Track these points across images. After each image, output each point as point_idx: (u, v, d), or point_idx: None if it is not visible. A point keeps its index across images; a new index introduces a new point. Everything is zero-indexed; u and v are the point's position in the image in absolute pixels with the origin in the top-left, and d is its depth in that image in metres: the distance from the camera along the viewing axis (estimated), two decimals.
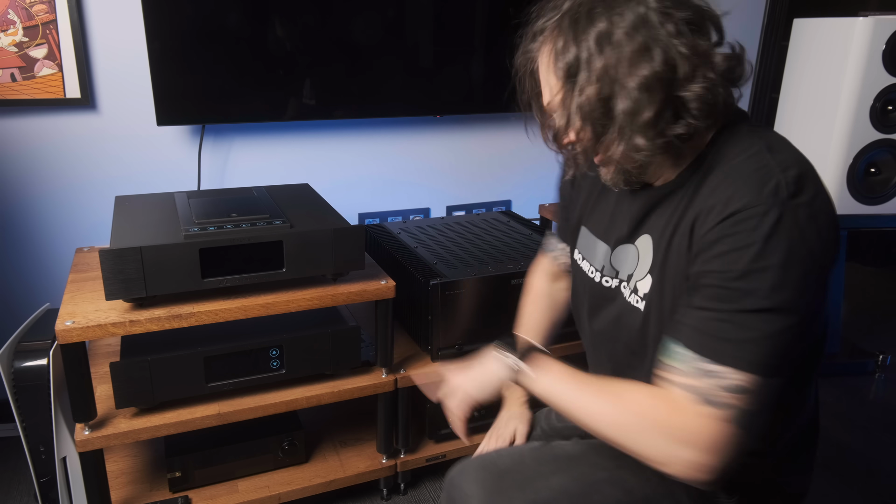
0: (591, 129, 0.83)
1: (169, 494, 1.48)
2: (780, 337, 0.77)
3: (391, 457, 1.63)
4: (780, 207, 0.76)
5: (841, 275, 2.33)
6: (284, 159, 2.04)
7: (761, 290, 0.77)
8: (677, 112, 0.81)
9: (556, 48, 0.83)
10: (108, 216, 1.86)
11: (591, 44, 0.80)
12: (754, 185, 0.79)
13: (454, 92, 2.11)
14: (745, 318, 0.78)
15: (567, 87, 0.83)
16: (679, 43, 0.79)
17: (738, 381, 0.77)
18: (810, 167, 0.82)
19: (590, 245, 1.05)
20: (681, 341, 0.81)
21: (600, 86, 0.80)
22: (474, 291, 1.56)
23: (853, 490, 1.74)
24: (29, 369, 1.34)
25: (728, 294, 0.79)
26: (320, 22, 1.87)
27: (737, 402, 0.77)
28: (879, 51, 1.96)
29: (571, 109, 0.83)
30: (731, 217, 0.79)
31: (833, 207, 0.81)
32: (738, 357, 0.77)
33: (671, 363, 0.82)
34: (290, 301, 1.38)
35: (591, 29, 0.80)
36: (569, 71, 0.82)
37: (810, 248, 0.77)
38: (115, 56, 1.78)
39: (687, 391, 0.79)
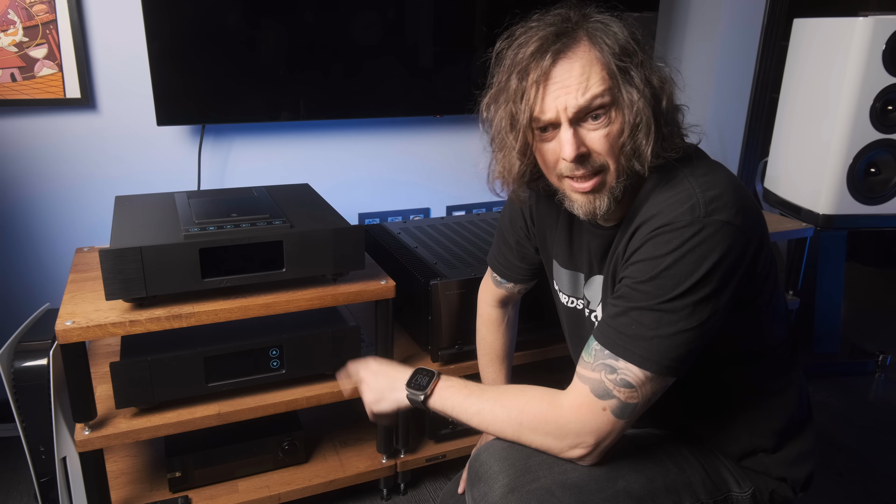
0: (645, 125, 0.88)
1: (169, 494, 1.48)
2: (673, 339, 0.84)
3: (391, 457, 1.63)
4: (698, 224, 0.84)
5: (841, 275, 2.33)
6: (284, 159, 2.04)
7: (661, 293, 0.84)
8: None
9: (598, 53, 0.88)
10: (108, 216, 1.86)
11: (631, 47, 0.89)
12: (677, 205, 0.86)
13: (454, 92, 2.11)
14: (642, 315, 0.85)
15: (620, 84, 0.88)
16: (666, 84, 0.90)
17: (630, 376, 0.85)
18: (734, 187, 0.88)
19: (564, 277, 1.12)
20: (595, 336, 0.90)
21: (650, 88, 0.88)
22: (474, 291, 1.56)
23: (853, 490, 1.74)
24: (29, 369, 1.34)
25: (633, 294, 0.86)
26: (320, 22, 1.87)
27: (623, 396, 0.86)
28: (879, 51, 1.96)
29: (632, 105, 0.89)
30: (653, 232, 0.86)
31: (756, 227, 0.88)
32: (631, 351, 0.85)
33: (585, 357, 0.90)
34: (290, 301, 1.38)
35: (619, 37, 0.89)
36: (620, 70, 0.88)
37: (723, 263, 0.84)
38: (115, 56, 1.78)
39: (586, 384, 0.88)
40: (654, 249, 0.85)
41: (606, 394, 0.86)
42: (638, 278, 0.86)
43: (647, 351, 0.84)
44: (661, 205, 0.87)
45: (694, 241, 0.83)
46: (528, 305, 1.63)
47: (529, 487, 0.90)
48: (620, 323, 0.87)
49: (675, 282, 0.83)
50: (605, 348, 0.87)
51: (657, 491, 0.94)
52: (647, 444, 1.01)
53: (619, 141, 0.87)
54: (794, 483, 1.01)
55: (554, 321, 1.67)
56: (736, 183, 0.90)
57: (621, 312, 0.87)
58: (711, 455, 1.01)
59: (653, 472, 0.95)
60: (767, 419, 1.00)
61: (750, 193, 0.92)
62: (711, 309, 0.85)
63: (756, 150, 2.74)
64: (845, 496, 1.72)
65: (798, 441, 1.02)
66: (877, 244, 3.28)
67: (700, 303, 0.84)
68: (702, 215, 0.84)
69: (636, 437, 1.03)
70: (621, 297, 0.88)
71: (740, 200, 0.86)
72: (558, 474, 0.91)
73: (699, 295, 0.83)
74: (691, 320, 0.84)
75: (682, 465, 0.98)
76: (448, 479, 1.75)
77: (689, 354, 0.86)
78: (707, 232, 0.83)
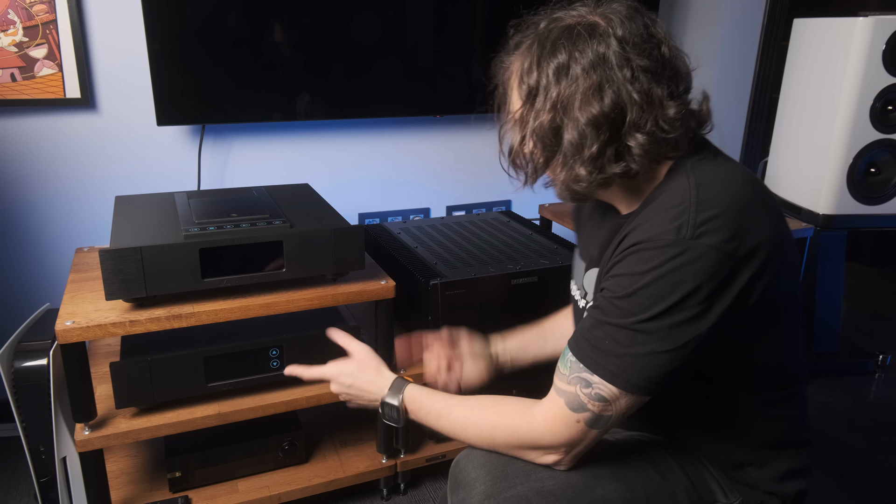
0: (542, 152, 0.90)
1: (169, 494, 1.48)
2: (646, 359, 0.83)
3: (391, 457, 1.63)
4: (681, 245, 0.80)
5: (841, 275, 2.33)
6: (284, 159, 2.04)
7: (636, 312, 0.82)
8: (619, 153, 0.86)
9: (522, 68, 0.89)
10: (108, 216, 1.86)
11: (550, 73, 0.86)
12: (665, 221, 0.83)
13: (454, 92, 2.11)
14: (616, 331, 0.84)
15: (526, 107, 0.89)
16: (632, 88, 0.83)
17: (604, 391, 0.84)
18: (739, 208, 0.83)
19: (576, 266, 1.11)
20: (570, 345, 0.90)
21: (553, 115, 0.86)
22: (474, 291, 1.56)
23: (853, 490, 1.74)
24: (29, 369, 1.34)
25: (609, 307, 0.85)
26: (320, 22, 1.87)
27: (597, 410, 0.85)
28: (879, 51, 1.96)
29: (527, 130, 0.89)
30: (636, 245, 0.84)
31: (756, 253, 0.83)
32: (602, 366, 0.84)
33: (562, 368, 0.89)
34: (290, 301, 1.38)
35: (552, 59, 0.85)
36: (529, 93, 0.88)
37: (703, 290, 0.81)
38: (115, 56, 1.78)
39: (561, 397, 0.87)
40: (634, 265, 0.83)
41: (581, 407, 0.85)
42: (616, 293, 0.85)
43: (617, 368, 0.83)
44: (656, 213, 0.85)
45: (673, 263, 0.80)
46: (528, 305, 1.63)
47: (506, 494, 0.90)
48: (594, 336, 0.86)
49: (651, 302, 0.81)
50: (580, 361, 0.86)
51: (637, 500, 0.93)
52: (629, 451, 0.99)
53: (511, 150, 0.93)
54: (783, 498, 0.98)
55: None
56: (745, 200, 0.84)
57: (596, 325, 0.86)
58: (698, 464, 0.99)
59: (633, 481, 0.94)
60: (758, 436, 0.97)
61: (767, 207, 0.86)
62: (690, 334, 0.82)
63: (756, 150, 2.75)
64: (845, 496, 1.72)
65: (790, 459, 0.98)
66: (877, 244, 3.28)
67: (676, 326, 0.81)
68: (687, 237, 0.80)
69: (619, 442, 1.01)
70: (598, 309, 0.87)
71: (742, 222, 0.81)
72: (535, 482, 0.91)
73: (675, 318, 0.81)
74: (665, 343, 0.82)
75: (665, 474, 0.96)
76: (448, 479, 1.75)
77: (665, 376, 0.83)
78: (689, 255, 0.80)
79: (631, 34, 0.84)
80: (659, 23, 0.88)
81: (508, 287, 1.59)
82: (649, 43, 0.84)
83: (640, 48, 0.83)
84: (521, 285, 1.60)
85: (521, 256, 1.71)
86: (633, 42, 0.83)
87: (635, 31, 0.84)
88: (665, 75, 0.85)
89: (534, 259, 1.68)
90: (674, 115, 0.84)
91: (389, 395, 1.04)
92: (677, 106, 0.85)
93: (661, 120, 0.84)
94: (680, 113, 0.85)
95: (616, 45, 0.83)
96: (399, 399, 1.03)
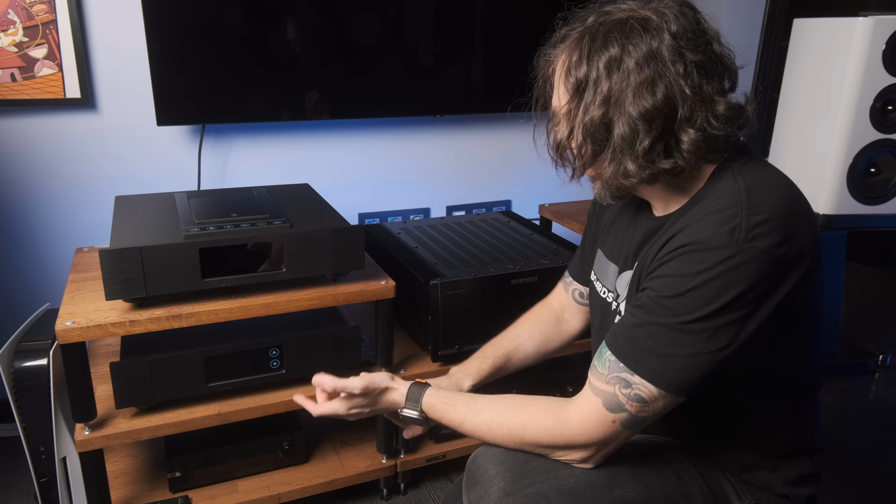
0: (591, 147, 0.88)
1: (169, 494, 1.48)
2: (688, 360, 0.82)
3: (391, 457, 1.63)
4: (733, 248, 0.80)
5: (841, 275, 2.33)
6: (284, 159, 2.04)
7: (683, 312, 0.82)
8: (669, 148, 0.85)
9: (570, 61, 0.88)
10: (108, 216, 1.86)
11: (601, 66, 0.84)
12: (717, 223, 0.82)
13: (454, 92, 2.11)
14: (660, 331, 0.83)
15: (574, 101, 0.88)
16: (685, 84, 0.83)
17: (643, 391, 0.84)
18: (787, 213, 0.83)
19: (603, 267, 1.10)
20: (608, 344, 0.89)
21: (604, 109, 0.85)
22: (474, 291, 1.56)
23: (853, 490, 1.74)
24: (29, 369, 1.34)
25: (654, 307, 0.84)
26: (320, 22, 1.87)
27: (634, 410, 0.85)
28: (879, 51, 1.96)
29: (575, 124, 0.88)
30: (685, 247, 0.84)
31: (802, 258, 0.83)
32: (643, 365, 0.84)
33: (599, 367, 0.89)
34: (290, 301, 1.38)
35: (603, 52, 0.84)
36: (578, 86, 0.87)
37: (752, 292, 0.81)
38: (115, 56, 1.78)
39: (599, 397, 0.87)
40: (684, 267, 0.83)
41: (619, 407, 0.85)
42: (662, 292, 0.84)
43: (659, 367, 0.83)
44: (706, 214, 0.84)
45: (726, 264, 0.80)
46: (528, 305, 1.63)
47: (525, 492, 0.90)
48: (636, 335, 0.85)
49: (700, 303, 0.81)
50: (620, 360, 0.86)
51: (655, 500, 0.93)
52: (647, 452, 0.99)
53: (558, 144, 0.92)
54: (795, 501, 0.99)
55: None
56: (791, 205, 0.85)
57: (639, 324, 0.85)
58: (713, 466, 1.00)
59: (651, 482, 0.94)
60: (772, 442, 0.97)
61: (807, 213, 0.86)
62: (733, 336, 0.82)
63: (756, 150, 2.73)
64: (845, 496, 1.72)
65: (802, 464, 0.99)
66: (877, 244, 3.28)
67: (721, 328, 0.81)
68: (740, 239, 0.80)
69: (637, 444, 1.01)
70: (641, 308, 0.86)
71: (790, 227, 0.82)
72: (554, 480, 0.91)
73: (722, 320, 0.81)
74: (709, 344, 0.82)
75: (681, 476, 0.97)
76: (448, 479, 1.75)
77: (704, 378, 0.83)
78: (741, 258, 0.80)
79: (684, 29, 0.83)
80: (709, 18, 0.88)
81: (508, 287, 1.59)
82: (701, 38, 0.84)
83: (692, 43, 0.83)
84: (521, 285, 1.60)
85: (521, 256, 1.71)
86: (686, 37, 0.83)
87: (688, 26, 0.84)
88: (716, 71, 0.85)
89: (534, 259, 1.68)
90: (724, 111, 0.84)
91: (408, 408, 1.03)
92: (727, 102, 0.85)
93: (711, 116, 0.84)
94: (730, 109, 0.85)
95: (669, 39, 0.83)
96: (418, 410, 1.02)
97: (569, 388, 1.76)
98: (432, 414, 1.00)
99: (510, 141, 2.32)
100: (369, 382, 1.03)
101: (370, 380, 1.04)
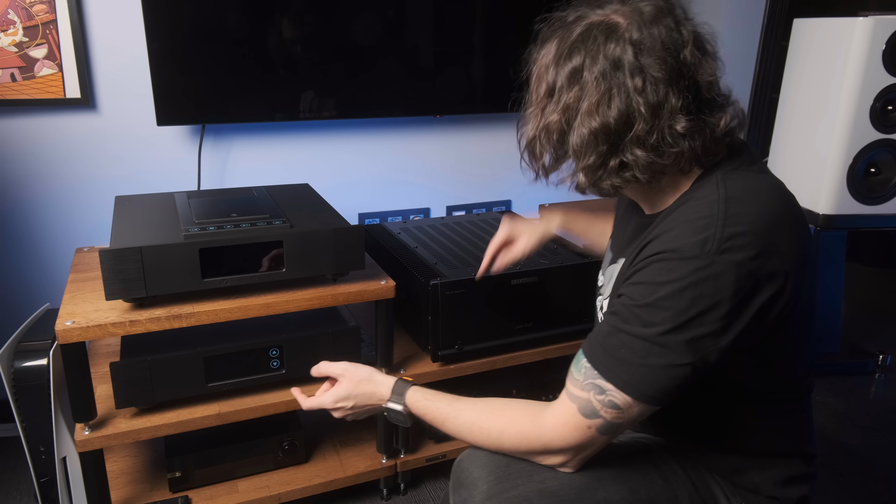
0: (550, 151, 0.90)
1: (169, 494, 1.48)
2: (661, 371, 0.82)
3: (391, 457, 1.63)
4: (704, 259, 0.79)
5: (841, 275, 2.33)
6: (284, 159, 2.04)
7: (655, 323, 0.81)
8: (623, 165, 0.85)
9: (543, 65, 0.90)
10: (108, 216, 1.86)
11: (565, 77, 0.86)
12: (691, 232, 0.81)
13: (454, 92, 2.11)
14: (633, 341, 0.83)
15: (542, 104, 0.89)
16: (641, 100, 0.81)
17: (617, 399, 0.84)
18: (765, 226, 0.81)
19: (605, 258, 1.11)
20: (584, 350, 0.89)
21: (561, 118, 0.86)
22: (474, 291, 1.56)
23: (853, 490, 1.74)
24: (29, 369, 1.34)
25: (628, 315, 0.84)
26: (320, 22, 1.87)
27: (609, 417, 0.85)
28: (879, 51, 1.96)
29: (538, 126, 0.90)
30: (659, 254, 0.83)
31: (779, 271, 0.81)
32: (616, 374, 0.84)
33: (575, 373, 0.89)
34: (290, 301, 1.38)
35: (568, 62, 0.85)
36: (548, 91, 0.88)
37: (723, 306, 0.80)
38: (115, 56, 1.78)
39: (574, 403, 0.87)
40: (655, 275, 0.82)
41: (594, 413, 0.85)
42: (635, 300, 0.84)
43: (632, 377, 0.83)
44: (681, 222, 0.83)
45: (696, 275, 0.79)
46: (528, 305, 1.63)
47: (508, 495, 0.90)
48: (610, 343, 0.85)
49: (670, 314, 0.80)
50: (594, 367, 0.86)
51: (639, 503, 0.93)
52: (633, 453, 0.99)
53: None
54: (785, 503, 0.98)
55: (553, 322, 1.67)
56: (772, 218, 0.82)
57: (613, 332, 0.85)
58: (701, 467, 0.99)
59: (636, 484, 0.94)
60: (761, 447, 0.97)
61: (792, 225, 0.84)
62: (706, 349, 0.81)
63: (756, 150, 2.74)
64: (845, 496, 1.72)
65: (793, 466, 0.98)
66: (877, 244, 3.28)
67: (693, 341, 0.80)
68: (712, 251, 0.79)
69: (623, 445, 1.01)
70: (616, 315, 0.86)
71: (767, 241, 0.80)
72: (538, 482, 0.91)
73: (693, 333, 0.80)
74: (682, 357, 0.81)
75: (668, 478, 0.96)
76: (448, 479, 1.74)
77: (678, 388, 0.83)
78: (712, 270, 0.78)
79: (650, 38, 0.81)
80: (689, 21, 0.85)
81: (508, 287, 1.59)
82: (669, 49, 0.81)
83: (656, 55, 0.80)
84: (521, 285, 1.60)
85: None
86: (650, 47, 0.81)
87: (656, 34, 0.81)
88: (682, 85, 0.81)
89: (534, 259, 1.68)
90: (682, 129, 0.82)
91: (392, 401, 1.04)
92: (688, 120, 0.82)
93: (668, 134, 0.82)
94: (688, 128, 0.82)
95: (631, 50, 0.81)
96: (402, 404, 1.03)
97: None
98: (415, 409, 1.02)
99: (510, 141, 2.32)
100: (349, 365, 1.11)
101: (352, 364, 1.11)
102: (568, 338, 1.70)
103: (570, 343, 1.70)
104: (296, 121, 1.99)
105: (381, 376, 1.09)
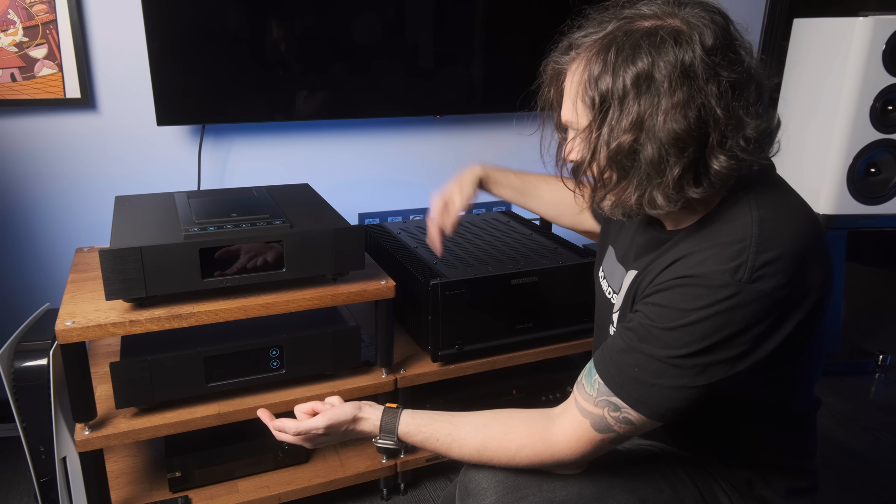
0: (616, 173, 0.81)
1: (169, 494, 1.48)
2: (674, 392, 0.81)
3: (391, 457, 1.63)
4: (734, 288, 0.76)
5: (841, 275, 2.33)
6: (284, 159, 2.04)
7: (674, 346, 0.80)
8: (698, 176, 0.79)
9: (590, 72, 0.79)
10: (108, 216, 1.86)
11: (628, 82, 0.76)
12: (723, 258, 0.78)
13: (454, 92, 2.11)
14: (649, 361, 0.81)
15: (596, 118, 0.80)
16: (718, 106, 0.75)
17: (631, 416, 0.83)
18: (798, 252, 0.78)
19: (612, 267, 1.07)
20: (596, 365, 0.87)
21: (632, 132, 0.77)
22: (474, 291, 1.56)
23: (853, 490, 1.74)
24: (29, 369, 1.34)
25: (645, 334, 0.82)
26: (320, 22, 1.87)
27: (621, 431, 0.85)
28: (879, 51, 1.96)
29: (598, 146, 0.80)
30: (686, 278, 0.80)
31: (806, 297, 0.79)
32: (628, 392, 0.82)
33: (587, 388, 0.87)
34: (290, 301, 1.38)
35: (630, 66, 0.76)
36: (601, 102, 0.78)
37: (748, 333, 0.78)
38: (115, 56, 1.78)
39: (587, 418, 0.86)
40: (680, 300, 0.79)
41: (607, 429, 0.85)
42: (655, 322, 0.81)
43: (644, 395, 0.82)
44: (713, 245, 0.80)
45: (725, 304, 0.76)
46: (528, 305, 1.63)
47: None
48: (623, 361, 0.83)
49: (691, 339, 0.78)
50: (607, 385, 0.84)
51: None
52: (641, 462, 0.99)
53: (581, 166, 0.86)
54: None
55: (552, 322, 1.67)
56: (805, 242, 0.79)
57: (627, 349, 0.83)
58: (709, 477, 0.99)
59: (645, 493, 0.94)
60: (770, 457, 0.97)
61: (822, 249, 0.81)
62: (723, 373, 0.79)
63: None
64: (845, 496, 1.72)
65: (800, 478, 0.98)
66: (877, 244, 3.27)
67: (711, 365, 0.79)
68: (744, 280, 0.76)
69: (632, 452, 1.01)
70: (632, 331, 0.83)
71: (798, 267, 0.77)
72: (547, 492, 0.91)
73: (712, 358, 0.78)
74: (697, 379, 0.79)
75: (676, 487, 0.96)
76: (448, 479, 1.75)
77: (689, 407, 0.82)
78: (741, 298, 0.76)
79: (718, 43, 0.77)
80: (741, 27, 0.82)
81: (508, 287, 1.59)
82: (736, 53, 0.78)
83: (727, 59, 0.76)
84: (521, 285, 1.60)
85: (521, 256, 1.70)
86: (721, 52, 0.76)
87: (722, 39, 0.77)
88: (750, 89, 0.78)
89: (534, 259, 1.68)
90: (754, 134, 0.77)
91: (383, 439, 0.96)
92: (756, 124, 0.78)
93: (742, 139, 0.77)
94: (758, 131, 0.78)
95: (703, 55, 0.75)
96: (394, 439, 0.96)
97: (568, 388, 1.76)
98: (411, 441, 0.95)
99: (510, 141, 2.32)
100: (333, 419, 0.96)
101: (334, 416, 0.96)
102: (568, 338, 1.70)
103: (570, 343, 1.70)
104: (296, 121, 1.99)
105: (366, 412, 0.98)
